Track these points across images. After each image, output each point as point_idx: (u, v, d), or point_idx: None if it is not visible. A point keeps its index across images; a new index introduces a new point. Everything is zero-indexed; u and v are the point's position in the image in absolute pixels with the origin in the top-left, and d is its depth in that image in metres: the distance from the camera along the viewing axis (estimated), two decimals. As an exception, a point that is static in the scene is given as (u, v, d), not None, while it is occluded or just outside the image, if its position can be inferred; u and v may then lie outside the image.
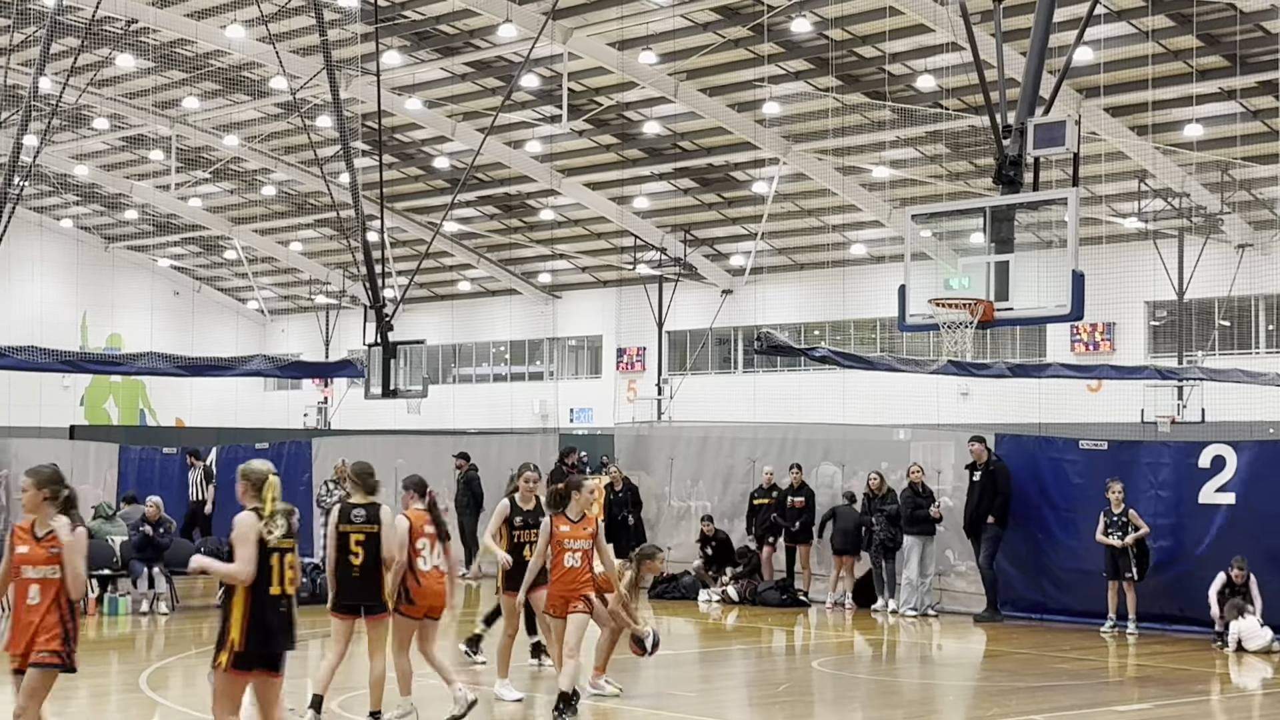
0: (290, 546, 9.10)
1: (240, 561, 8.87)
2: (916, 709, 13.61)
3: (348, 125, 26.86)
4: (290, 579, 9.01)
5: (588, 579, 12.16)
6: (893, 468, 20.76)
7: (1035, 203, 14.75)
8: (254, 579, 8.89)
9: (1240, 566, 16.61)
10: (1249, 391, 32.56)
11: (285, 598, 9.00)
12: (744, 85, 38.75)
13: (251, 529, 9.01)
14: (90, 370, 33.27)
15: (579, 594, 12.02)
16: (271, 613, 8.89)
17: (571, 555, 12.10)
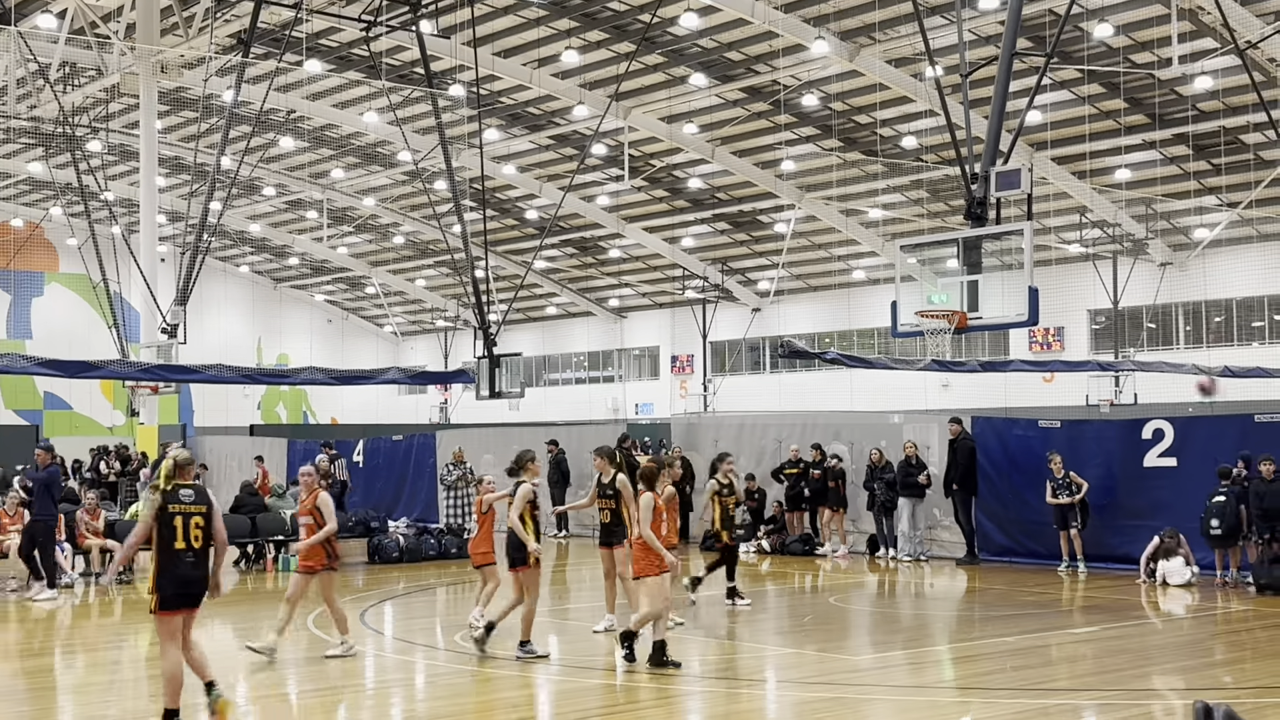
0: (194, 510, 8.90)
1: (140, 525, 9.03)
2: (915, 633, 13.51)
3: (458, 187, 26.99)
4: (195, 536, 8.86)
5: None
6: (890, 445, 20.61)
7: (998, 234, 14.65)
8: (162, 538, 8.85)
9: (1170, 535, 16.39)
10: (1171, 379, 32.15)
11: (190, 551, 8.86)
12: (766, 148, 38.66)
13: (147, 502, 9.19)
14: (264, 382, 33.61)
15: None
16: (179, 564, 8.83)
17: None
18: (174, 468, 9.01)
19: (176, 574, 8.83)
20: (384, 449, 29.37)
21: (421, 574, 18.82)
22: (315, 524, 11.52)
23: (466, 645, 12.23)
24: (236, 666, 11.93)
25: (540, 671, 11.19)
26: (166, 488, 8.88)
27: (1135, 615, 13.95)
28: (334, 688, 10.68)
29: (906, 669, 11.40)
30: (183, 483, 8.97)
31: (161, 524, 8.84)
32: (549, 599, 16.71)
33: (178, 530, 8.83)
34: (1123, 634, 12.86)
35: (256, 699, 10.31)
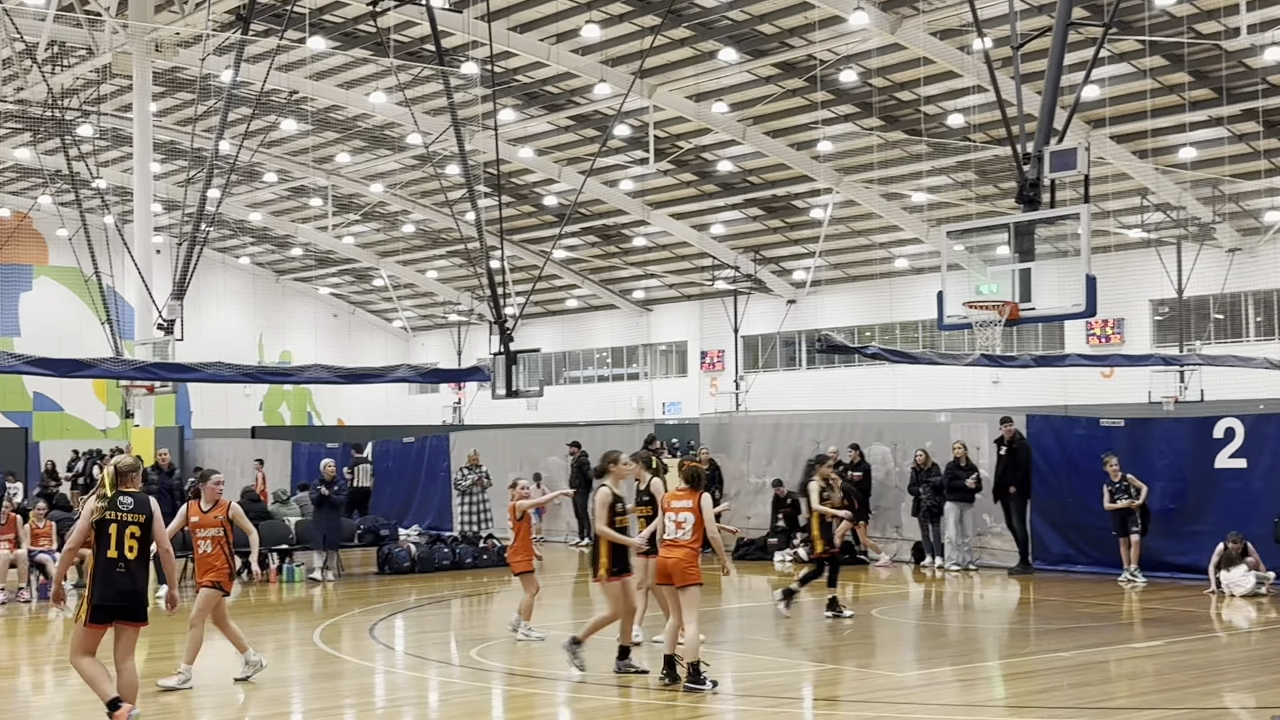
0: (131, 519, 9.08)
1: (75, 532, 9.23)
2: (963, 648, 13.49)
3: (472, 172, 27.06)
4: (129, 546, 9.02)
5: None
6: (936, 447, 20.58)
7: (1052, 218, 14.60)
8: (97, 546, 9.05)
9: (1235, 540, 16.32)
10: (1241, 374, 31.98)
11: (121, 561, 9.01)
12: (801, 128, 38.60)
13: (87, 508, 9.29)
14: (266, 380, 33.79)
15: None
16: (111, 574, 8.99)
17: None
18: (116, 474, 9.25)
19: (108, 584, 9.05)
20: (394, 452, 29.50)
21: (435, 585, 18.91)
22: (224, 538, 11.33)
23: (483, 661, 12.29)
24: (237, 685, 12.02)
25: (563, 689, 11.24)
26: (110, 494, 9.07)
27: (1201, 628, 13.89)
28: (341, 707, 10.76)
29: (954, 686, 11.39)
30: (125, 490, 9.22)
31: (98, 532, 9.11)
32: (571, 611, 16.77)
33: (111, 539, 9.06)
34: (1188, 648, 12.80)
35: (260, 717, 10.39)
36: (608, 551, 11.30)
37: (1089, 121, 34.22)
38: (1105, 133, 34.59)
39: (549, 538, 25.75)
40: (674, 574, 10.82)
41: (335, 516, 19.55)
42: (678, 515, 10.88)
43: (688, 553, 10.76)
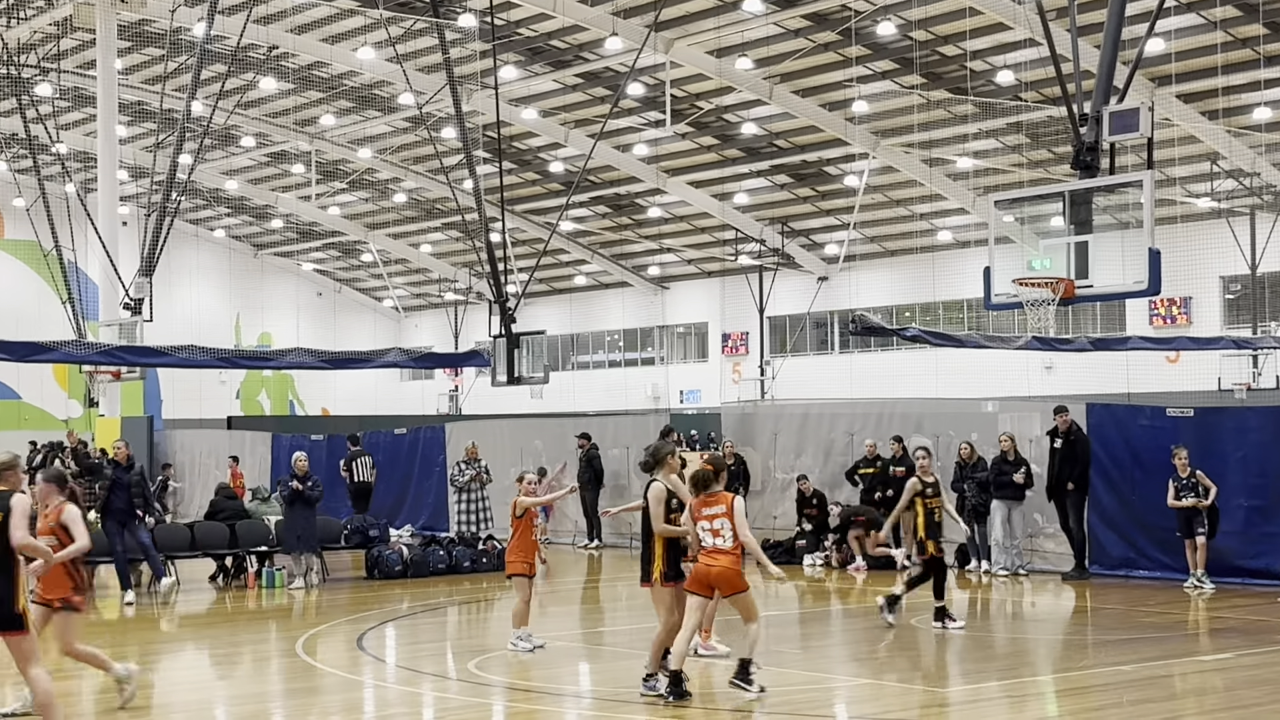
0: None
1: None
2: (1012, 661, 13.49)
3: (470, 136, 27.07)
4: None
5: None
6: (983, 439, 20.53)
7: (1112, 186, 14.55)
8: None
9: None
10: (1321, 358, 31.88)
11: None
12: (834, 86, 38.51)
13: None
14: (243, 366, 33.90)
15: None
16: None
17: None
18: None
19: None
20: (384, 444, 29.57)
21: (429, 591, 18.96)
22: (60, 546, 10.95)
23: (482, 674, 12.32)
24: (214, 698, 12.08)
25: (571, 706, 11.27)
26: None
27: (1276, 639, 13.86)
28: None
29: (1002, 703, 11.39)
30: None
31: None
32: (580, 620, 16.81)
33: None
34: (1260, 661, 12.78)
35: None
36: (663, 553, 11.29)
37: (1153, 79, 34.07)
38: (1171, 91, 34.45)
39: (555, 539, 25.79)
40: (720, 584, 10.93)
41: (310, 516, 19.38)
42: (712, 523, 10.94)
43: (732, 559, 10.88)
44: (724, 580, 10.88)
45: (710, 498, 11.01)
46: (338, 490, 28.34)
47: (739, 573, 10.88)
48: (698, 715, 10.98)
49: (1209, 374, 36.89)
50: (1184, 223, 38.44)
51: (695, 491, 11.14)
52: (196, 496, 30.73)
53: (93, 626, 16.18)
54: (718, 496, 11.02)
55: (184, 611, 17.63)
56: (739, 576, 10.87)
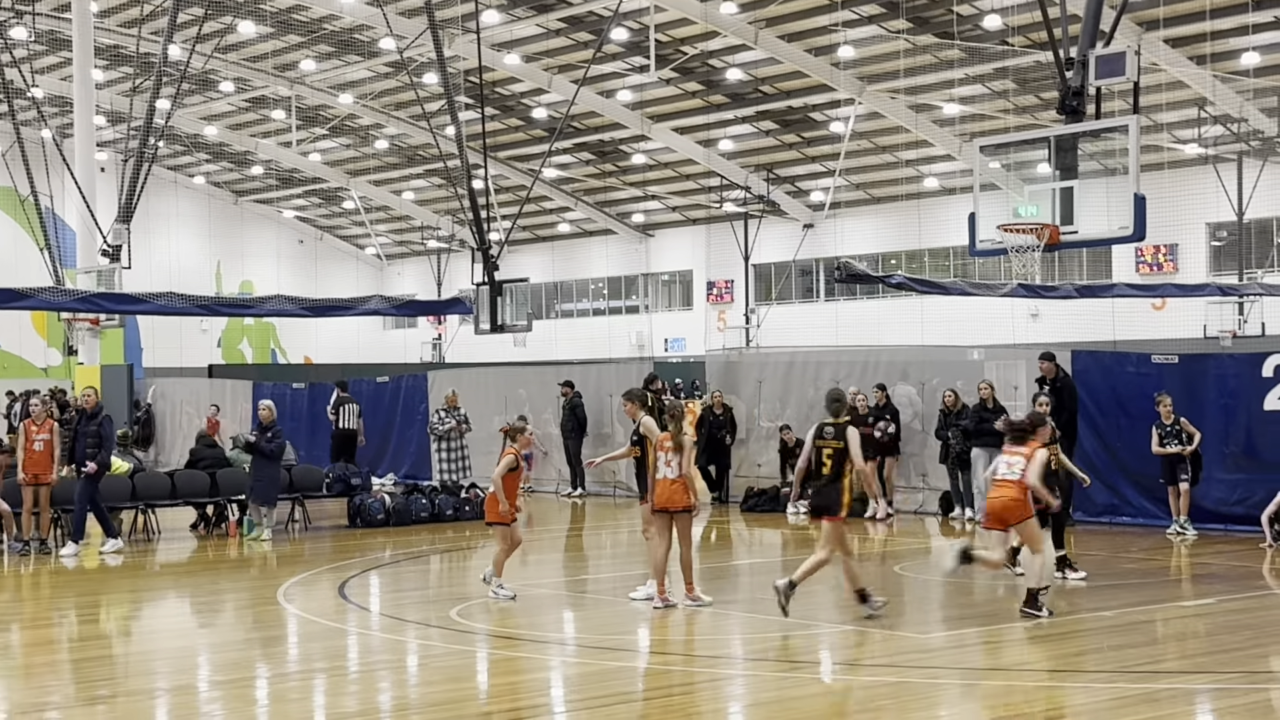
0: None
1: None
2: (994, 608, 13.58)
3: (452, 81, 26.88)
4: None
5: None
6: (968, 386, 20.59)
7: (1098, 131, 14.55)
8: None
9: None
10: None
11: None
12: (820, 30, 38.34)
13: None
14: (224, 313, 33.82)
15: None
16: None
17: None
18: None
19: None
20: (367, 393, 29.55)
21: (411, 539, 19.02)
22: None
23: (465, 622, 12.38)
24: (197, 646, 12.12)
25: (555, 653, 11.33)
26: None
27: (1257, 585, 13.99)
28: (312, 671, 10.85)
29: (984, 649, 11.48)
30: None
31: None
32: (562, 568, 16.89)
33: None
34: (1243, 607, 12.89)
35: (223, 683, 10.49)
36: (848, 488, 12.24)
37: (1140, 23, 33.98)
38: (1158, 35, 34.36)
39: (538, 487, 25.86)
40: (1007, 515, 12.24)
41: (268, 468, 19.15)
42: (1010, 459, 12.32)
43: (1019, 490, 12.15)
44: (1012, 511, 12.18)
45: (1014, 444, 12.37)
46: (319, 438, 28.38)
47: (1024, 503, 12.13)
48: (677, 664, 11.06)
49: (1195, 321, 37.00)
50: (1171, 169, 38.44)
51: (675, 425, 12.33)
52: (177, 444, 30.73)
53: (74, 576, 16.22)
54: (1031, 442, 12.40)
55: (165, 560, 17.66)
56: (1024, 506, 12.14)
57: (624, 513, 22.42)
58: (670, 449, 12.63)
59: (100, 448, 17.72)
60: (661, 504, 12.65)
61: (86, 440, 17.66)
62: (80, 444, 17.69)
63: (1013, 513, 12.18)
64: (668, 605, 12.66)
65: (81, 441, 17.73)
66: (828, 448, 12.16)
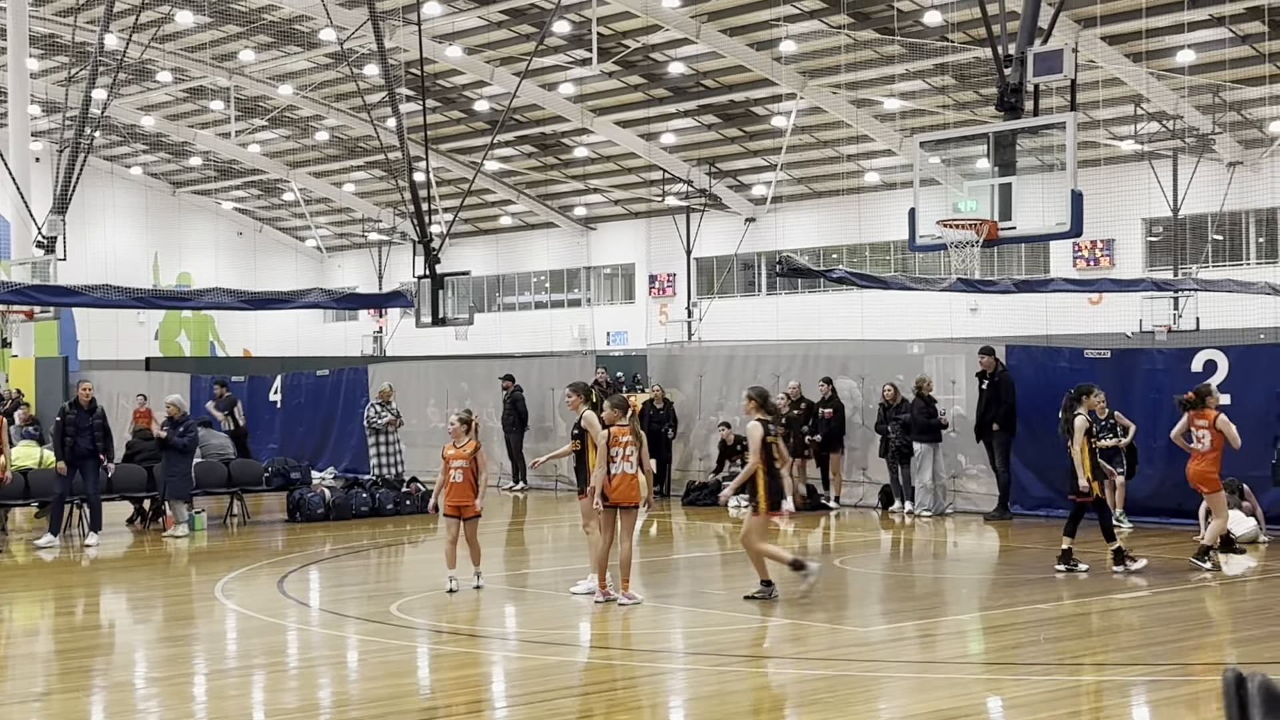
0: None
1: None
2: (934, 601, 13.69)
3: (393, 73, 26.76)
4: None
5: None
6: (908, 380, 20.75)
7: (1036, 128, 14.69)
8: None
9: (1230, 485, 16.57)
10: (1240, 300, 32.41)
11: None
12: (762, 25, 38.44)
13: None
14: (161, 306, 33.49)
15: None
16: None
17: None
18: None
19: None
20: (306, 386, 29.39)
21: (351, 534, 18.93)
22: None
23: (405, 617, 12.34)
24: (133, 642, 12.01)
25: (496, 648, 11.32)
26: None
27: (1191, 578, 14.16)
28: (251, 667, 10.78)
29: (923, 642, 11.57)
30: None
31: None
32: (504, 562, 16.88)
33: None
34: (1176, 600, 13.06)
35: (160, 679, 10.39)
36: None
37: (1078, 20, 34.28)
38: (1095, 33, 34.69)
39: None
40: (1202, 483, 14.20)
41: (183, 464, 18.89)
42: (1197, 431, 14.03)
43: (1209, 462, 14.16)
44: (1204, 479, 14.09)
45: (1200, 414, 14.16)
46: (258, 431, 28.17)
47: (1214, 472, 14.11)
48: (620, 659, 11.08)
49: (1131, 316, 37.41)
50: (1107, 165, 38.85)
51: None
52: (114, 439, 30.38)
53: (7, 572, 16.03)
54: (1206, 412, 14.38)
55: (102, 555, 17.49)
56: (1212, 474, 14.11)
57: (565, 506, 22.41)
58: (630, 441, 12.56)
59: (106, 440, 17.97)
60: (618, 499, 12.59)
61: (94, 434, 17.79)
62: (84, 438, 17.67)
63: (1207, 481, 14.12)
64: (608, 600, 12.66)
65: (85, 436, 17.71)
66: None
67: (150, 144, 55.47)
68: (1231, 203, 38.59)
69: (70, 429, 17.78)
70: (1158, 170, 38.69)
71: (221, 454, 21.48)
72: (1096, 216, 19.53)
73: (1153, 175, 38.69)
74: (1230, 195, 38.30)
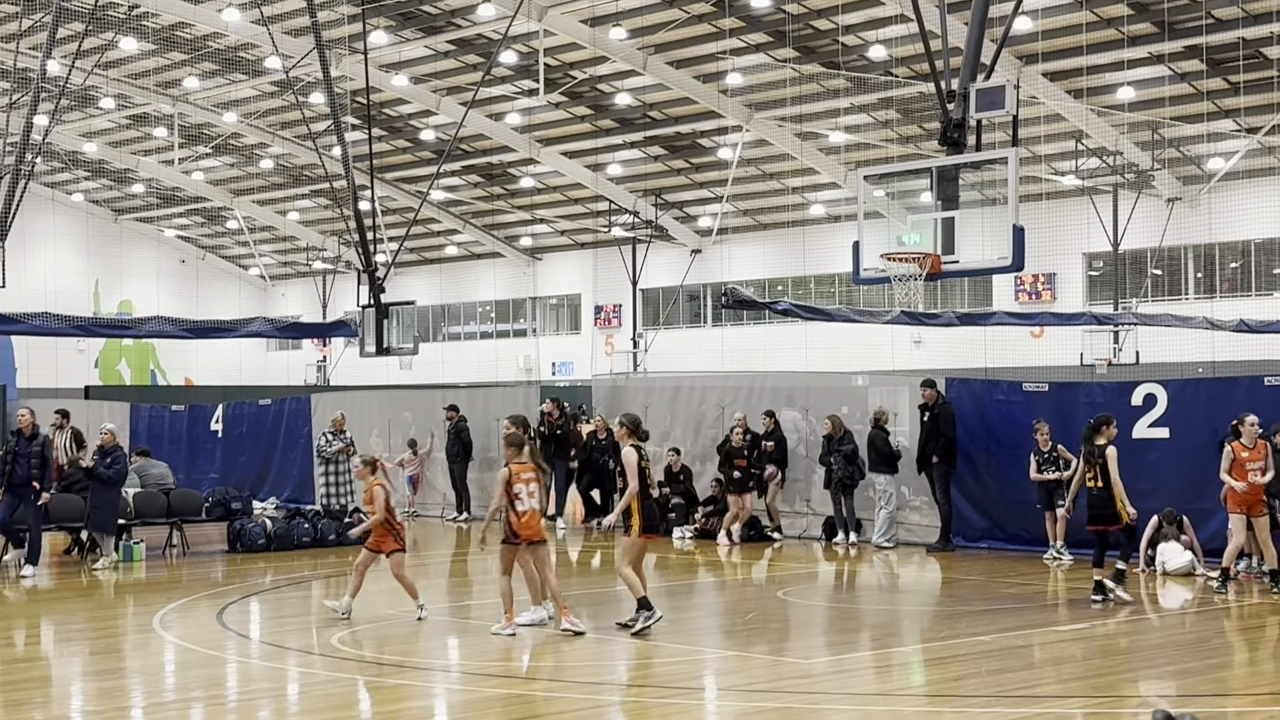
0: None
1: None
2: (876, 632, 13.73)
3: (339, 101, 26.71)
4: None
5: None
6: (852, 412, 20.84)
7: (978, 162, 14.80)
8: None
9: (1170, 517, 16.74)
10: (1180, 335, 32.78)
11: None
12: (708, 58, 38.64)
13: None
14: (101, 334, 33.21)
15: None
16: None
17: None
18: None
19: None
20: (248, 415, 29.17)
21: (293, 564, 18.77)
22: None
23: (347, 649, 12.24)
24: (69, 675, 11.85)
25: (439, 680, 11.24)
26: None
27: (1131, 610, 14.27)
28: (189, 700, 10.66)
29: (866, 673, 11.60)
30: None
31: None
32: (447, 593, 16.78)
33: None
34: (1117, 631, 13.17)
35: (96, 713, 10.26)
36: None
37: (1020, 57, 34.71)
38: (1037, 69, 35.11)
39: (423, 511, 25.68)
40: (1255, 510, 14.93)
41: (109, 495, 18.57)
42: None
43: (1260, 490, 14.87)
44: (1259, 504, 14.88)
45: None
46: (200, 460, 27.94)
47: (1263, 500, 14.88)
48: (567, 691, 11.03)
49: (1072, 349, 37.76)
50: (1049, 200, 39.26)
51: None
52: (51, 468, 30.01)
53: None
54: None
55: (37, 586, 17.24)
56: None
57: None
58: (532, 478, 12.78)
59: (44, 469, 17.60)
60: (530, 534, 12.78)
61: (30, 462, 17.47)
62: (21, 466, 17.40)
63: (1258, 509, 14.89)
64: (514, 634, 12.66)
65: (23, 464, 17.45)
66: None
67: (92, 171, 55.01)
68: (1171, 238, 39.07)
69: (9, 456, 17.56)
70: (1098, 205, 39.13)
71: (161, 484, 21.27)
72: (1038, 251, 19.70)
73: (1093, 210, 39.12)
74: (1169, 231, 38.77)
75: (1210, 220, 38.78)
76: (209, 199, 56.39)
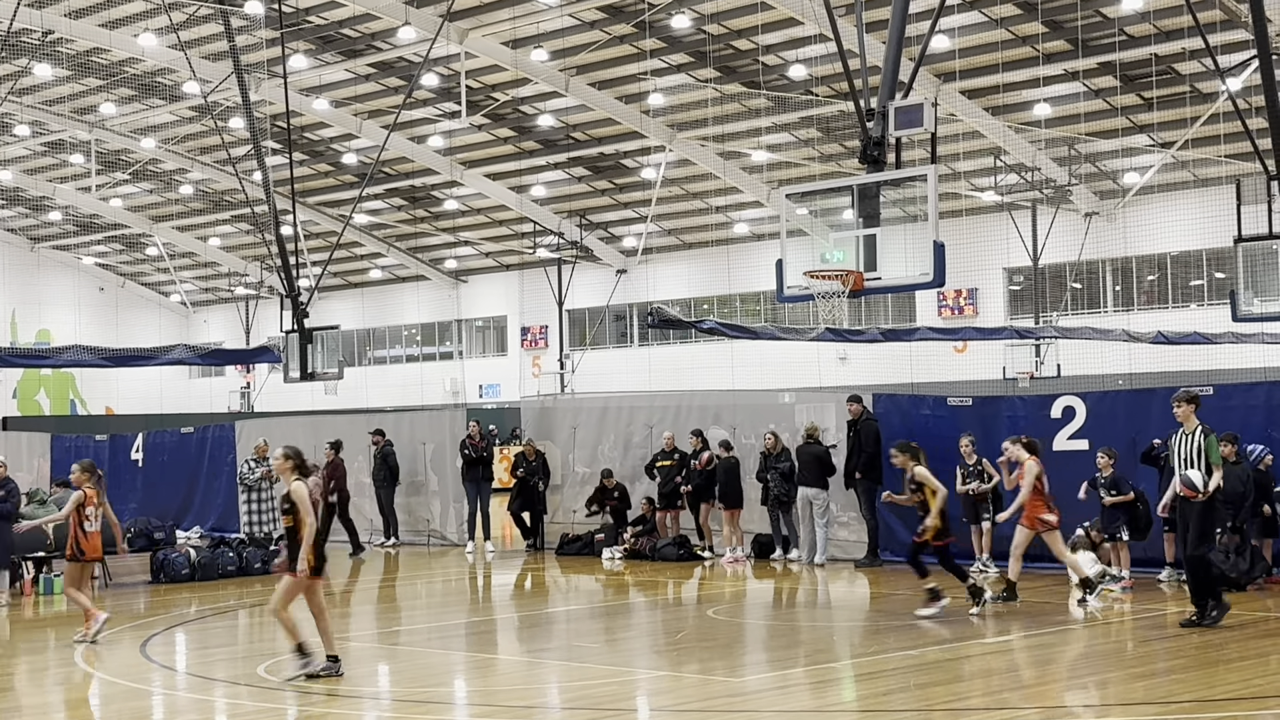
0: None
1: None
2: (807, 649, 13.77)
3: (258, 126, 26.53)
4: None
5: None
6: (780, 429, 20.90)
7: (898, 180, 14.92)
8: None
9: (1097, 529, 16.93)
10: (1100, 347, 33.22)
11: None
12: (630, 79, 38.76)
13: None
14: (18, 364, 32.69)
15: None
16: None
17: None
18: None
19: None
20: (170, 444, 28.81)
21: (218, 594, 18.55)
22: None
23: (273, 679, 12.10)
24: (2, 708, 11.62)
25: (369, 708, 11.14)
26: None
27: (1058, 621, 14.42)
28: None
29: (797, 690, 11.62)
30: None
31: None
32: (375, 620, 16.63)
33: None
34: (1044, 642, 13.28)
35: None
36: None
37: (938, 75, 35.11)
38: (955, 87, 35.54)
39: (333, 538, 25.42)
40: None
41: (1, 530, 18.23)
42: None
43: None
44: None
45: None
46: (120, 491, 27.48)
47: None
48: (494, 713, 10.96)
49: (995, 363, 38.15)
50: (969, 216, 39.72)
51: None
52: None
53: None
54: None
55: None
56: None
57: (438, 562, 22.20)
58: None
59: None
60: None
61: None
62: None
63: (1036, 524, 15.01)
64: None
65: None
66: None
67: (8, 198, 54.22)
68: (1089, 252, 39.62)
69: None
70: (1017, 220, 39.61)
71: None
72: (959, 266, 19.93)
73: (1013, 225, 39.59)
74: (1087, 245, 39.31)
75: (1126, 234, 39.36)
76: (128, 225, 55.77)
